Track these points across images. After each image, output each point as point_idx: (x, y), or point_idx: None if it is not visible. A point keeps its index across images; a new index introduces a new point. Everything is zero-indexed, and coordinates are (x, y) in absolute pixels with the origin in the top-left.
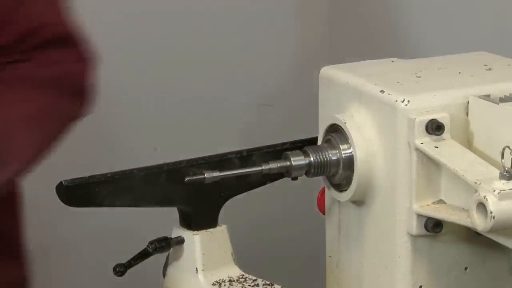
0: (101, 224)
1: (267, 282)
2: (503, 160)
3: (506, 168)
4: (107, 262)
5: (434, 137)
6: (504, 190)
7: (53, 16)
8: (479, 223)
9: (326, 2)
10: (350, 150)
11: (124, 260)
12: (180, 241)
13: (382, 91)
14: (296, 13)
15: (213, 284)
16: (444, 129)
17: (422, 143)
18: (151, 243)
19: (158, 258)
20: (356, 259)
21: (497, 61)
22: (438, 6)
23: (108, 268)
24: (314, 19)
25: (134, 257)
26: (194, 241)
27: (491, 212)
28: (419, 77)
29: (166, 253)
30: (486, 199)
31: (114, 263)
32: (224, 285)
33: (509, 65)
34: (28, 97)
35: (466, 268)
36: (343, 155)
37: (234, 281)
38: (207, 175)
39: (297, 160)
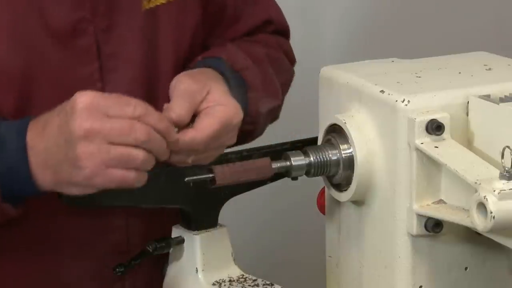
0: None
1: (267, 282)
2: (503, 160)
3: (506, 168)
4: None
5: (434, 137)
6: (504, 190)
7: (276, 14)
8: (479, 223)
9: (326, 2)
10: (350, 150)
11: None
12: (180, 241)
13: (382, 91)
14: (296, 13)
15: (213, 284)
16: (444, 129)
17: (422, 143)
18: (150, 243)
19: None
20: (356, 259)
21: (497, 61)
22: (438, 6)
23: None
24: (315, 19)
25: (134, 257)
26: (194, 241)
27: (491, 212)
28: (419, 77)
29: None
30: (486, 199)
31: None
32: (224, 285)
33: (509, 65)
34: (260, 48)
35: (466, 268)
36: (343, 155)
37: (234, 281)
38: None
39: (297, 160)
